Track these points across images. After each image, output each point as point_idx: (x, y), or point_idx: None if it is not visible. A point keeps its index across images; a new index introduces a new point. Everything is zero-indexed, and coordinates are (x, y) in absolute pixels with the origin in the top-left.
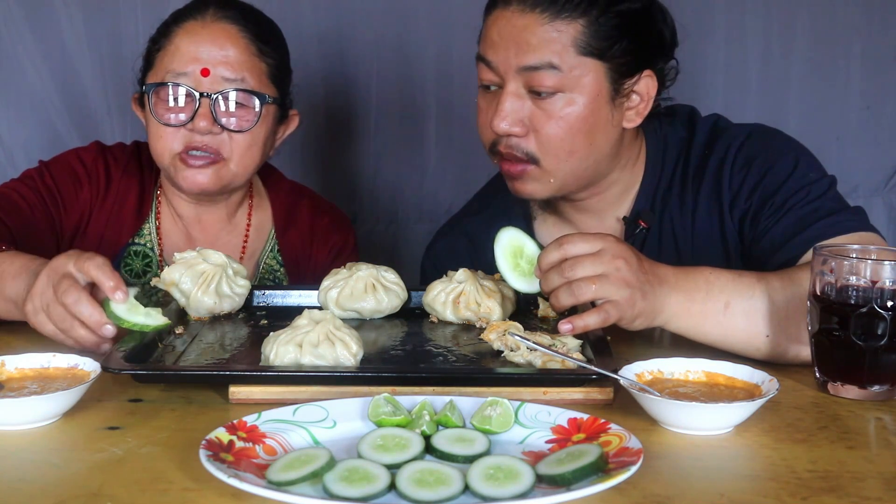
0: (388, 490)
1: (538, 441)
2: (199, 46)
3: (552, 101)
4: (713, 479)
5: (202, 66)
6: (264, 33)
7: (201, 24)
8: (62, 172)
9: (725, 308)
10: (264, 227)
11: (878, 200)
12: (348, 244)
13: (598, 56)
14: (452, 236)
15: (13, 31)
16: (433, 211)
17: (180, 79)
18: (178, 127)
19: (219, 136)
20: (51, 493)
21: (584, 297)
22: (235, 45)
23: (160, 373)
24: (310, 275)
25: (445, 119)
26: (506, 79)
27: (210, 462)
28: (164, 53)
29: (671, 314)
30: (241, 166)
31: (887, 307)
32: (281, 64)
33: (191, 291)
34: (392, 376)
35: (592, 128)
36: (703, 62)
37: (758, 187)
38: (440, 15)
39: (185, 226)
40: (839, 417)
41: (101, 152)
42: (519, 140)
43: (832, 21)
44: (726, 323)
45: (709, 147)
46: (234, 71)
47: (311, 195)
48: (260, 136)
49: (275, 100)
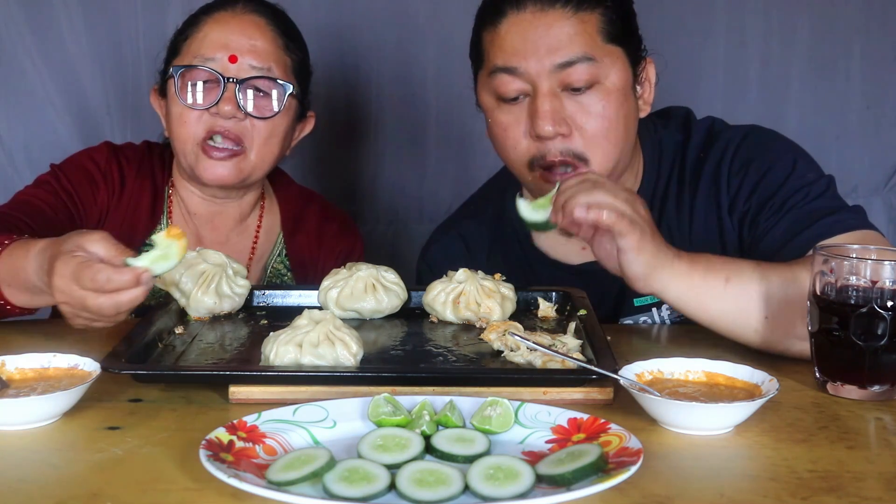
0: (388, 490)
1: (538, 441)
2: (228, 34)
3: (590, 94)
4: (713, 479)
5: (230, 52)
6: (290, 30)
7: (231, 14)
8: (77, 174)
9: (726, 283)
10: (273, 231)
11: (878, 200)
12: (356, 250)
13: (619, 42)
14: (448, 239)
15: (13, 31)
16: (433, 211)
17: (208, 63)
18: (202, 111)
19: (241, 123)
20: (51, 493)
21: (600, 198)
22: (264, 36)
23: (160, 373)
24: (317, 279)
25: (445, 119)
26: (538, 82)
27: (210, 462)
28: (193, 41)
29: (671, 277)
30: (260, 157)
31: (887, 307)
32: (303, 62)
33: (191, 291)
34: (392, 376)
35: (626, 117)
36: (703, 62)
37: (756, 189)
38: (440, 15)
39: (196, 226)
40: (839, 417)
41: (113, 153)
42: (566, 141)
43: (832, 21)
44: (726, 298)
45: (705, 150)
46: (261, 60)
47: (321, 201)
48: (281, 127)
49: (296, 94)
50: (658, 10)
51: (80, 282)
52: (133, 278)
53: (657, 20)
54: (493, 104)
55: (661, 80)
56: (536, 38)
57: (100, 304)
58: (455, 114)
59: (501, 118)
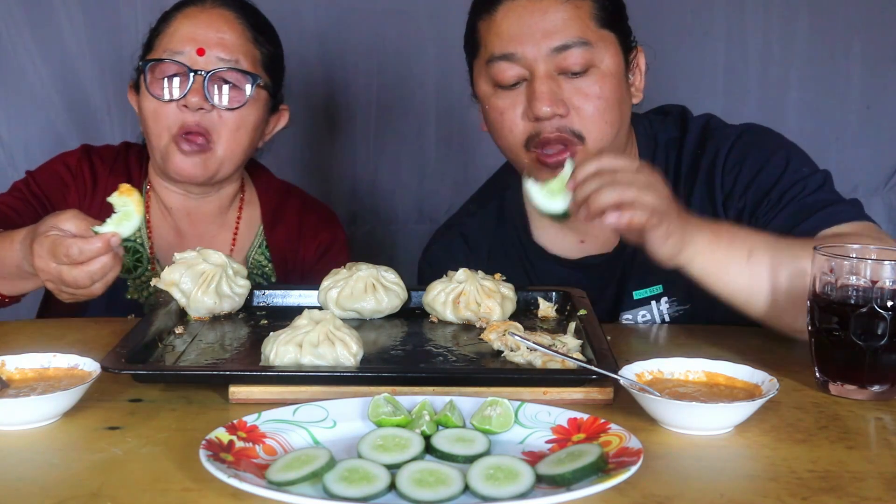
0: (388, 490)
1: (538, 441)
2: (196, 28)
3: (585, 78)
4: (713, 479)
5: (198, 45)
6: (260, 24)
7: (200, 9)
8: (48, 179)
9: (748, 257)
10: (253, 224)
11: (877, 200)
12: (337, 241)
13: (611, 27)
14: (448, 238)
15: (13, 31)
16: (433, 211)
17: (176, 57)
18: (171, 102)
19: (209, 116)
20: (51, 493)
21: (626, 195)
22: (232, 29)
23: (160, 373)
24: (297, 271)
25: (445, 119)
26: (535, 66)
27: (210, 462)
28: (163, 36)
29: (697, 250)
30: (229, 150)
31: (887, 307)
32: (274, 55)
33: (191, 291)
34: (392, 376)
35: (620, 101)
36: (703, 62)
37: (751, 185)
38: (440, 15)
39: (174, 220)
40: (839, 417)
41: (85, 154)
42: (563, 120)
43: (832, 21)
44: (750, 271)
45: (701, 147)
46: (228, 52)
47: (300, 193)
48: (250, 118)
49: (266, 86)
50: (658, 10)
51: (56, 258)
52: (103, 245)
53: (658, 20)
54: (490, 91)
55: (662, 80)
56: (532, 23)
57: (74, 277)
58: (455, 114)
59: (499, 103)
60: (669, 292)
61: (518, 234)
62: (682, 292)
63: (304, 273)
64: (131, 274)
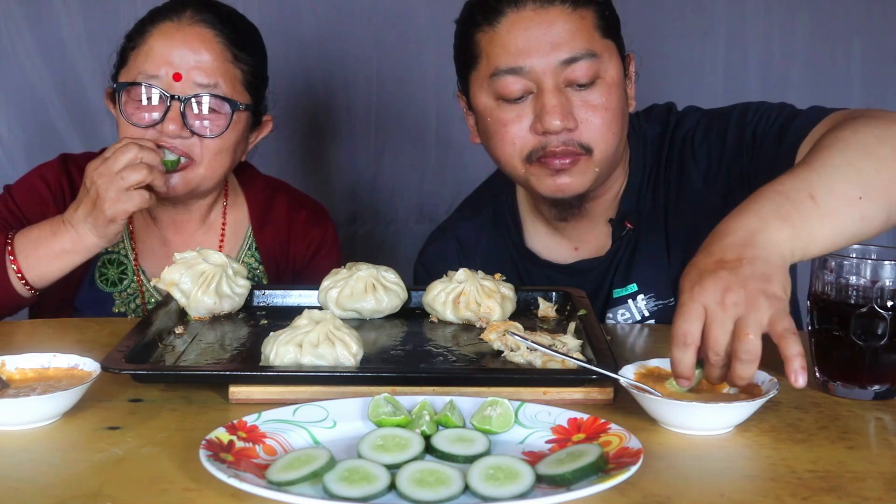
0: (388, 490)
1: (538, 441)
2: (172, 49)
3: (593, 90)
4: (713, 479)
5: (175, 70)
6: (241, 39)
7: (177, 25)
8: (25, 196)
9: (813, 201)
10: (241, 226)
11: None
12: (328, 237)
13: (612, 37)
14: (443, 241)
15: (13, 30)
16: (433, 211)
17: (152, 80)
18: (147, 127)
19: (188, 140)
20: (51, 493)
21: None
22: (210, 50)
23: (160, 373)
24: (289, 271)
25: (445, 120)
26: (543, 79)
27: (210, 462)
28: (138, 53)
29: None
30: (211, 169)
31: (887, 307)
32: (256, 71)
33: (191, 291)
34: (392, 376)
35: (623, 110)
36: (703, 62)
37: (724, 146)
38: (440, 15)
39: (159, 229)
40: (839, 417)
41: (63, 166)
42: (571, 134)
43: (832, 21)
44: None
45: (674, 138)
46: (207, 76)
47: (288, 189)
48: (230, 141)
49: (247, 106)
50: (658, 10)
51: (96, 168)
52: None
53: (658, 20)
54: (493, 104)
55: (662, 80)
56: (539, 35)
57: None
58: (455, 114)
59: (502, 116)
60: (644, 290)
61: (511, 238)
62: (655, 289)
63: (296, 272)
64: (117, 287)
